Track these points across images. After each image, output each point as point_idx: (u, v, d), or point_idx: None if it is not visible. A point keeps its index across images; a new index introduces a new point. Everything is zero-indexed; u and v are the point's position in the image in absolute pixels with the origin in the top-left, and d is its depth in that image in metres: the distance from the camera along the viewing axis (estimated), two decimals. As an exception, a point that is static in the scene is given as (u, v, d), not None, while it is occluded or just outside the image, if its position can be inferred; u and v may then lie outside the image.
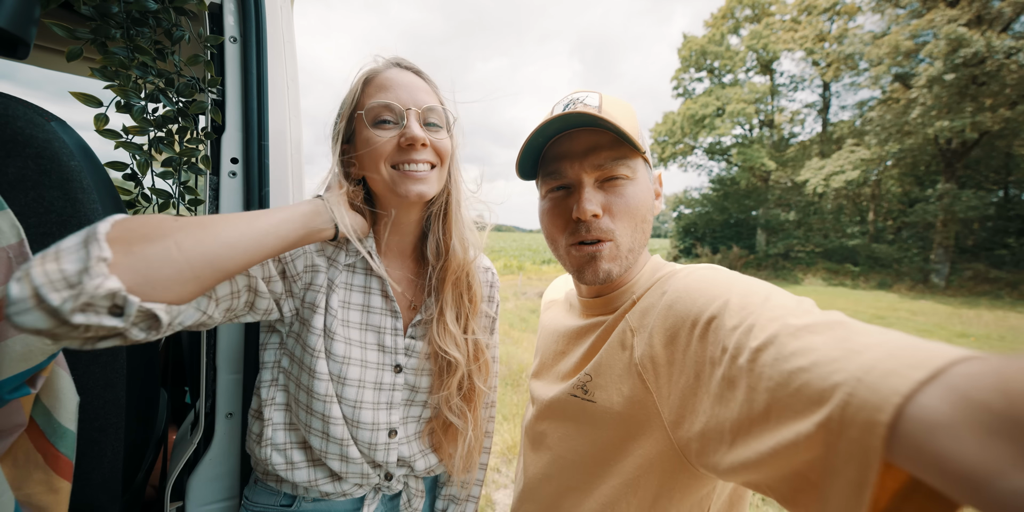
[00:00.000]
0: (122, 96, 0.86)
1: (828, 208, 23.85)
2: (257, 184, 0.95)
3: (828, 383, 0.33)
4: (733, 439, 0.43)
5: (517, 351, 5.79)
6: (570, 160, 0.66)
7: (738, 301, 0.49)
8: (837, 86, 23.97)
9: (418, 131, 0.70)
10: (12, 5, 0.58)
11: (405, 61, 0.78)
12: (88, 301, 0.41)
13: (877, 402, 0.30)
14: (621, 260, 0.66)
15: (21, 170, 0.56)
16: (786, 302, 0.46)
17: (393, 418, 0.79)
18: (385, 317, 0.81)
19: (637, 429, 0.58)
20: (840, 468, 0.32)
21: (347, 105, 0.76)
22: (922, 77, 16.08)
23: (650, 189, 0.70)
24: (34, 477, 0.52)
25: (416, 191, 0.72)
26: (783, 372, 0.37)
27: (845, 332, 0.37)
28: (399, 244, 0.86)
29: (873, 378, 0.31)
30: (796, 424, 0.35)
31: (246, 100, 0.96)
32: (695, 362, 0.51)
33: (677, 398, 0.53)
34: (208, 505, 0.91)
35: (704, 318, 0.51)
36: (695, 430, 0.49)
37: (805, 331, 0.39)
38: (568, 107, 0.66)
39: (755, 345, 0.42)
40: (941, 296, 15.34)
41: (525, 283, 14.27)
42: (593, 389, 0.65)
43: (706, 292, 0.54)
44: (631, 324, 0.63)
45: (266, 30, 0.98)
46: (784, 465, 0.37)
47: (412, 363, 0.82)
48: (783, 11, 25.61)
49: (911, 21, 17.58)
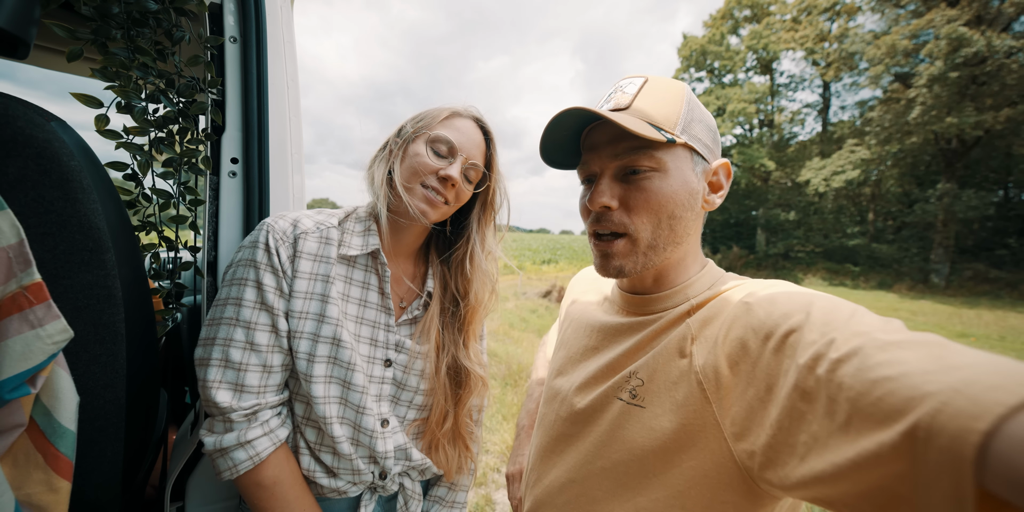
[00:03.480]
0: (123, 97, 0.87)
1: (828, 208, 23.86)
2: (257, 184, 0.95)
3: (918, 392, 0.31)
4: (807, 452, 0.40)
5: (517, 351, 5.79)
6: (595, 151, 0.65)
7: (820, 316, 0.46)
8: (837, 86, 24.00)
9: (456, 173, 0.80)
10: (12, 5, 0.58)
11: (484, 121, 0.88)
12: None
13: (975, 411, 0.27)
14: (637, 257, 0.63)
15: (21, 170, 0.56)
16: (873, 320, 0.43)
17: (383, 409, 0.82)
18: (380, 313, 0.84)
19: (689, 440, 0.55)
20: (933, 480, 0.29)
21: (424, 120, 0.83)
22: (922, 77, 16.09)
23: (688, 181, 0.63)
24: (34, 477, 0.52)
25: (422, 209, 0.80)
26: (866, 381, 0.34)
27: (941, 350, 0.34)
28: (400, 247, 0.89)
29: (974, 391, 0.28)
30: (878, 434, 0.33)
31: (246, 100, 0.96)
32: (767, 375, 0.48)
33: (743, 410, 0.50)
34: (208, 505, 0.91)
35: (781, 331, 0.48)
36: (761, 442, 0.46)
37: (894, 346, 0.36)
38: (610, 95, 0.66)
39: (836, 356, 0.39)
40: (941, 296, 15.35)
41: (525, 283, 14.27)
42: (644, 394, 0.61)
43: (784, 306, 0.51)
44: (692, 331, 0.59)
45: (266, 30, 0.98)
46: (865, 479, 0.34)
47: (401, 359, 0.84)
48: (783, 11, 25.61)
49: (911, 21, 17.58)
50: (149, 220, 0.99)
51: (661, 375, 0.60)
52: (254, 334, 0.71)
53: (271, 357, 0.73)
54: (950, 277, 17.18)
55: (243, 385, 0.71)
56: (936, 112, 16.12)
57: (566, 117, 0.63)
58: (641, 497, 0.59)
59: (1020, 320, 10.45)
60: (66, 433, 0.54)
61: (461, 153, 0.81)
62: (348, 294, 0.81)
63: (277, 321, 0.73)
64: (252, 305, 0.72)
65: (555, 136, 0.67)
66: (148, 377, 0.81)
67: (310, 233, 0.78)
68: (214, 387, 0.70)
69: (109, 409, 0.65)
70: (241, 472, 0.70)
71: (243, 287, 0.72)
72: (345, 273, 0.82)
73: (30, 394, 0.49)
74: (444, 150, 0.81)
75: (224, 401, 0.70)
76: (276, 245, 0.74)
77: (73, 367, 0.59)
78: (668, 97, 0.64)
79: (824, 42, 23.36)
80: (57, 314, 0.50)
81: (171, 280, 1.05)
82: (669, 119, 0.61)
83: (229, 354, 0.70)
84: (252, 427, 0.71)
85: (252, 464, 0.70)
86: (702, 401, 0.54)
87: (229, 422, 0.71)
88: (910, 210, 19.21)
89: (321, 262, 0.78)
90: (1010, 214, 17.69)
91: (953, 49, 15.19)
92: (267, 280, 0.73)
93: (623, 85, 0.66)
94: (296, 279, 0.75)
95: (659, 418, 0.58)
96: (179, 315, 1.04)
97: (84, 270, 0.61)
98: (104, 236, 0.63)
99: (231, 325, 0.71)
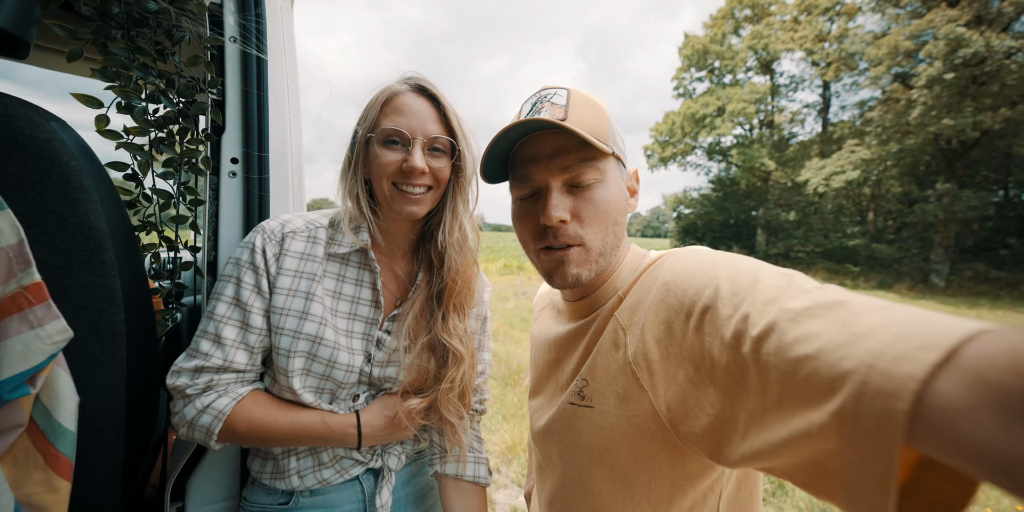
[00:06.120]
0: (123, 97, 0.87)
1: (828, 208, 23.87)
2: (257, 184, 0.95)
3: (837, 371, 0.32)
4: (746, 429, 0.42)
5: (517, 351, 5.79)
6: (536, 164, 0.64)
7: (728, 287, 0.47)
8: (837, 86, 23.99)
9: (419, 161, 0.75)
10: (12, 5, 0.58)
11: (424, 83, 0.80)
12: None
13: (892, 389, 0.28)
14: (591, 264, 0.64)
15: (21, 170, 0.56)
16: (777, 281, 0.45)
17: (359, 391, 0.84)
18: (370, 309, 0.84)
19: (635, 431, 0.56)
20: (860, 460, 0.31)
21: (367, 117, 0.80)
22: (922, 77, 16.09)
23: (622, 188, 0.67)
24: (34, 477, 0.52)
25: (408, 210, 0.78)
26: (788, 360, 0.36)
27: (846, 314, 0.36)
28: (392, 245, 0.88)
29: (884, 364, 0.30)
30: (809, 414, 0.34)
31: (246, 100, 0.96)
32: (692, 355, 0.49)
33: (676, 394, 0.51)
34: (208, 505, 0.91)
35: (698, 309, 0.49)
36: (701, 424, 0.48)
37: (804, 315, 0.38)
38: (536, 106, 0.65)
39: (755, 334, 0.40)
40: (941, 296, 15.35)
41: (525, 283, 14.27)
42: (590, 394, 0.62)
43: (694, 281, 0.52)
44: (621, 322, 0.61)
45: (266, 30, 0.98)
46: (798, 454, 0.36)
47: (379, 356, 0.84)
48: (783, 11, 25.62)
49: (911, 21, 17.58)
50: (149, 220, 0.99)
51: (602, 372, 0.61)
52: (223, 327, 0.73)
53: (234, 352, 0.74)
54: (950, 277, 17.17)
55: (202, 369, 0.73)
56: (936, 112, 16.12)
57: (516, 130, 0.63)
58: (613, 504, 0.60)
59: (1021, 320, 10.44)
60: (66, 433, 0.54)
61: (415, 135, 0.76)
62: (340, 291, 0.82)
63: (249, 318, 0.74)
64: (228, 300, 0.75)
65: (496, 150, 0.67)
66: (148, 377, 0.81)
67: (299, 232, 0.79)
68: (174, 372, 0.73)
69: (109, 409, 0.65)
70: (215, 432, 0.71)
71: (226, 284, 0.76)
72: (338, 271, 0.83)
73: (30, 394, 0.49)
74: (397, 140, 0.77)
75: (179, 383, 0.72)
76: (263, 244, 0.76)
77: (73, 367, 0.59)
78: (595, 110, 0.65)
79: (824, 42, 23.36)
80: (57, 314, 0.50)
81: (171, 280, 1.05)
82: (602, 131, 0.63)
83: (199, 344, 0.73)
84: (207, 395, 0.73)
85: (220, 421, 0.72)
86: (639, 390, 0.56)
87: (185, 397, 0.73)
88: (910, 210, 19.21)
89: (307, 260, 0.79)
90: (1010, 214, 17.68)
91: (952, 49, 15.19)
92: (246, 277, 0.75)
93: (548, 95, 0.66)
94: (280, 276, 0.76)
95: (606, 415, 0.59)
96: (179, 315, 1.04)
97: (84, 270, 0.61)
98: (104, 236, 0.63)
99: (208, 318, 0.75)
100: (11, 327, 0.48)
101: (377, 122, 0.78)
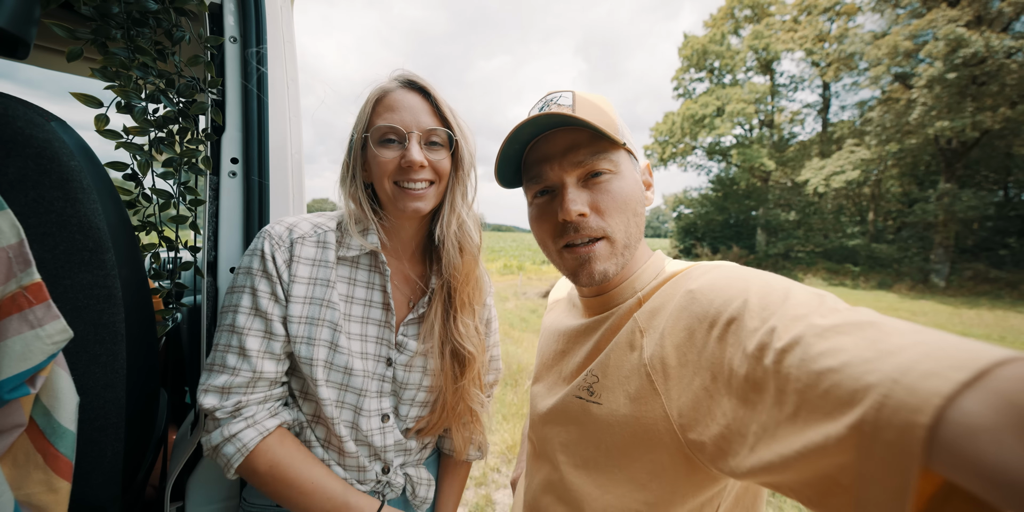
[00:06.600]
0: (123, 97, 0.87)
1: (828, 208, 23.86)
2: (257, 184, 0.95)
3: (860, 384, 0.31)
4: (756, 442, 0.41)
5: (517, 351, 5.79)
6: (549, 162, 0.64)
7: (757, 301, 0.47)
8: (837, 86, 23.99)
9: (417, 155, 0.75)
10: (12, 5, 0.58)
11: (414, 78, 0.80)
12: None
13: (916, 404, 0.28)
14: (617, 258, 0.64)
15: (21, 170, 0.56)
16: (808, 300, 0.44)
17: (384, 404, 0.83)
18: (383, 312, 0.84)
19: (644, 432, 0.56)
20: (876, 474, 0.30)
21: (360, 119, 0.80)
22: (922, 77, 16.08)
23: (638, 181, 0.67)
24: (34, 477, 0.52)
25: (413, 207, 0.78)
26: (811, 373, 0.35)
27: (877, 333, 0.35)
28: (401, 246, 0.88)
29: (911, 379, 0.29)
30: (825, 426, 0.33)
31: (246, 100, 0.96)
32: (711, 364, 0.49)
33: (689, 400, 0.51)
34: (208, 505, 0.91)
35: (723, 319, 0.49)
36: (711, 433, 0.47)
37: (833, 332, 0.37)
38: (543, 109, 0.65)
39: (780, 346, 0.40)
40: (941, 296, 15.34)
41: (525, 283, 14.27)
42: (599, 390, 0.62)
43: (723, 292, 0.52)
44: (640, 324, 0.61)
45: (266, 30, 0.98)
46: (810, 468, 0.35)
47: (402, 359, 0.84)
48: (783, 11, 25.61)
49: (911, 21, 17.58)
50: (149, 220, 0.99)
51: (614, 370, 0.61)
52: (246, 339, 0.72)
53: (261, 363, 0.73)
54: (950, 277, 17.16)
55: (231, 388, 0.72)
56: (936, 112, 16.12)
57: (526, 128, 0.63)
58: (609, 494, 0.60)
59: (1021, 320, 10.44)
60: (66, 433, 0.54)
61: (410, 130, 0.76)
62: (352, 295, 0.81)
63: (271, 326, 0.74)
64: (246, 311, 0.73)
65: (509, 151, 0.67)
66: (148, 377, 0.81)
67: (307, 237, 0.78)
68: (203, 391, 0.72)
69: (109, 409, 0.65)
70: (235, 465, 0.71)
71: (240, 294, 0.74)
72: (348, 274, 0.82)
73: (30, 394, 0.49)
74: (394, 136, 0.76)
75: (209, 403, 0.71)
76: (272, 251, 0.75)
77: (73, 367, 0.59)
78: (601, 107, 0.66)
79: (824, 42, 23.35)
80: (57, 314, 0.50)
81: (171, 280, 1.05)
82: (611, 126, 0.63)
83: (225, 359, 0.72)
84: (235, 422, 0.72)
85: (241, 456, 0.71)
86: (651, 392, 0.56)
87: (215, 420, 0.72)
88: (910, 210, 19.20)
89: (320, 266, 0.78)
90: (1010, 214, 17.68)
91: (952, 49, 15.19)
92: (261, 286, 0.74)
93: (553, 98, 0.67)
94: (294, 284, 0.75)
95: (615, 413, 0.60)
96: (179, 315, 1.04)
97: (84, 270, 0.61)
98: (104, 236, 0.63)
99: (229, 331, 0.73)
100: (11, 327, 0.48)
101: (371, 122, 0.78)
